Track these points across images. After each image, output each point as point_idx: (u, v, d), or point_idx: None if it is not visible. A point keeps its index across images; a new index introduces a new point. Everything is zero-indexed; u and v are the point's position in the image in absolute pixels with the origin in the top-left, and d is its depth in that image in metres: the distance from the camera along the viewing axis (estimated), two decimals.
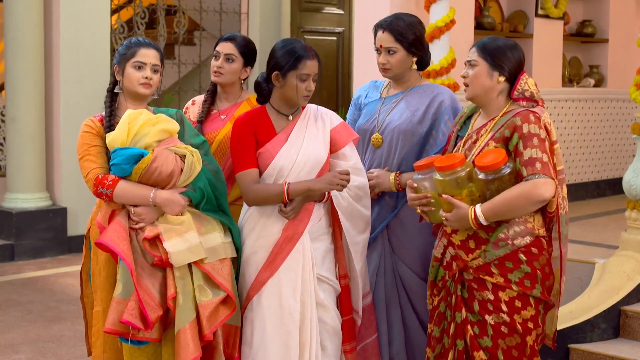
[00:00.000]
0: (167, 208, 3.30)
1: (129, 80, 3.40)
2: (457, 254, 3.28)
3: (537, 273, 3.19)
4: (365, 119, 3.82)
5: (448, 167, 3.18)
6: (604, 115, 8.25)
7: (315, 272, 3.43)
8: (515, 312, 3.18)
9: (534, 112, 3.21)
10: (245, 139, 3.42)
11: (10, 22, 7.61)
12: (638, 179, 4.90)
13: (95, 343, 3.38)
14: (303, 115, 3.50)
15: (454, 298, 3.30)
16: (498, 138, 3.22)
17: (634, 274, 4.82)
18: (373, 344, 3.67)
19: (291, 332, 3.35)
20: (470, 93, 3.33)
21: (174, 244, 3.24)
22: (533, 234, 3.20)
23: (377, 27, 3.73)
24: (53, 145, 7.86)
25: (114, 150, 3.28)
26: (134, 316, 3.15)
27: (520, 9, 7.69)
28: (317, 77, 3.44)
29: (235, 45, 3.91)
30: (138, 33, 8.53)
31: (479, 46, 3.30)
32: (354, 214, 3.48)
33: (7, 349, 5.12)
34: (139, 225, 3.28)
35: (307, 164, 3.40)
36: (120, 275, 3.23)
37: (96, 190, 3.29)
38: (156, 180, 3.29)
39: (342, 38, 9.39)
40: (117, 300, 3.19)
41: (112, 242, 3.19)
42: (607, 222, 6.62)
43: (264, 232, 3.41)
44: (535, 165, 3.12)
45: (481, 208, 3.16)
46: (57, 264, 7.40)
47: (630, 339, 4.68)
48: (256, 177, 3.40)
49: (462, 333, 3.25)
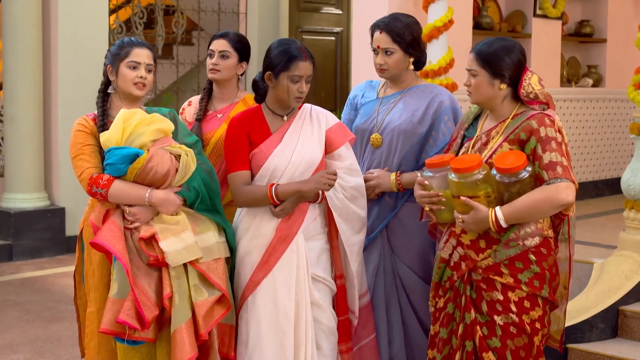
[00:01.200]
0: (162, 208, 3.30)
1: (124, 80, 3.39)
2: (466, 254, 3.26)
3: (546, 273, 3.19)
4: (363, 119, 3.81)
5: (466, 169, 3.13)
6: (602, 115, 8.25)
7: (309, 272, 3.42)
8: (524, 313, 3.17)
9: (549, 115, 3.20)
10: (238, 141, 3.42)
11: (8, 22, 7.61)
12: (636, 178, 4.91)
13: (89, 344, 3.38)
14: (299, 116, 3.50)
15: (463, 299, 3.27)
16: (513, 140, 3.20)
17: (632, 274, 4.82)
18: (370, 345, 3.66)
19: (286, 332, 3.35)
20: (474, 100, 3.32)
21: (170, 244, 3.24)
22: (542, 234, 3.20)
23: (374, 27, 3.73)
24: (51, 145, 7.85)
25: (108, 149, 3.27)
26: (130, 316, 3.14)
27: (518, 9, 7.69)
28: (311, 78, 3.41)
29: (229, 42, 3.93)
30: (136, 33, 8.53)
31: (477, 54, 3.26)
32: (350, 214, 3.47)
33: (5, 349, 5.12)
34: (134, 225, 3.27)
35: (301, 164, 3.39)
36: (116, 276, 3.22)
37: (90, 190, 3.28)
38: (152, 180, 3.28)
39: (341, 38, 9.39)
40: (112, 301, 3.18)
41: (108, 242, 3.18)
42: (605, 222, 6.62)
43: (258, 232, 3.41)
44: (557, 169, 3.11)
45: (502, 211, 3.13)
46: (56, 264, 7.39)
47: (628, 339, 4.68)
48: (247, 179, 3.40)
49: (471, 334, 3.23)
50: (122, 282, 3.20)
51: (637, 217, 4.92)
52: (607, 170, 8.34)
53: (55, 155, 7.83)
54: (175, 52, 9.21)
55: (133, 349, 3.26)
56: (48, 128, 7.84)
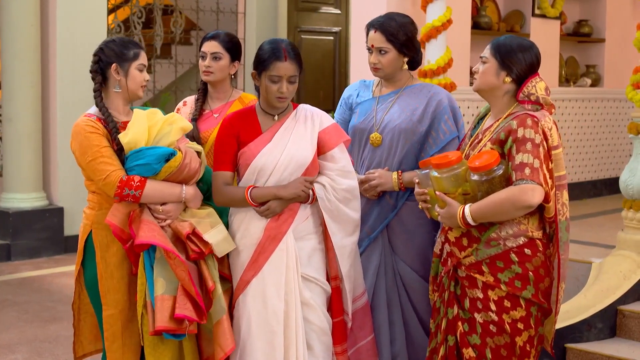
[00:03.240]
0: (192, 203, 3.37)
1: (134, 82, 3.38)
2: (452, 250, 3.30)
3: (530, 274, 3.18)
4: (361, 118, 3.81)
5: (444, 164, 3.19)
6: (601, 115, 8.26)
7: (300, 272, 3.42)
8: (503, 312, 3.17)
9: (533, 115, 3.18)
10: (225, 142, 3.44)
11: (7, 22, 7.61)
12: (634, 178, 4.91)
13: (111, 347, 3.34)
14: (292, 116, 3.48)
15: (447, 294, 3.31)
16: (494, 140, 3.22)
17: (631, 274, 4.82)
18: (368, 346, 3.64)
19: (276, 332, 3.35)
20: (476, 86, 3.34)
21: (212, 236, 3.33)
22: (527, 235, 3.19)
23: (369, 26, 3.74)
24: (50, 145, 7.85)
25: (138, 150, 3.25)
26: (188, 309, 3.20)
27: (517, 9, 7.69)
28: (295, 79, 3.37)
29: (220, 43, 3.97)
30: (135, 33, 8.53)
31: (494, 44, 3.30)
32: (341, 216, 3.45)
33: (3, 349, 5.11)
34: (167, 222, 3.31)
35: (290, 164, 3.38)
36: (158, 273, 3.24)
37: (121, 193, 3.23)
38: (184, 178, 3.33)
39: (339, 38, 9.38)
40: (161, 298, 3.20)
41: (159, 240, 3.21)
42: (604, 221, 6.63)
43: (247, 232, 3.41)
44: (525, 171, 3.10)
45: (470, 208, 3.16)
46: (54, 264, 7.39)
47: (626, 339, 4.68)
48: (228, 180, 3.44)
49: (453, 329, 3.26)
50: (168, 279, 3.23)
51: (636, 217, 4.92)
52: (605, 170, 8.35)
53: (53, 155, 7.83)
54: (174, 52, 9.20)
55: (163, 344, 3.28)
56: (46, 128, 7.84)
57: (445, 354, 3.29)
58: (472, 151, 3.30)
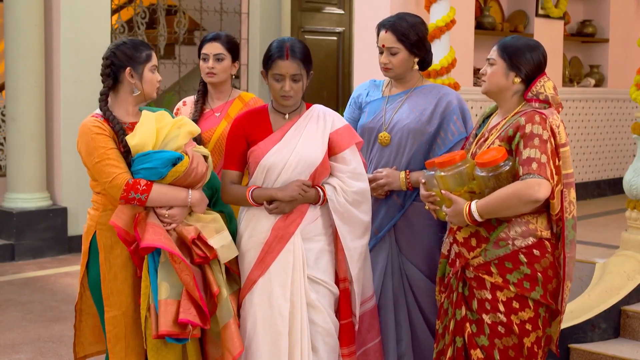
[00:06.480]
0: (198, 207, 3.36)
1: (150, 84, 3.36)
2: (460, 251, 3.28)
3: (538, 275, 3.17)
4: (370, 117, 3.82)
5: (448, 162, 3.20)
6: (604, 115, 8.25)
7: (306, 273, 3.41)
8: (512, 313, 3.17)
9: (541, 113, 3.18)
10: (235, 141, 3.45)
11: (11, 22, 7.62)
12: (638, 178, 4.90)
13: (114, 349, 3.33)
14: (305, 115, 3.48)
15: (455, 295, 3.30)
16: (503, 137, 3.22)
17: (635, 274, 4.82)
18: (375, 349, 3.63)
19: (281, 332, 3.35)
20: (485, 88, 3.34)
21: (217, 241, 3.33)
22: (536, 235, 3.19)
23: (380, 26, 3.74)
24: (53, 145, 7.86)
25: (145, 153, 3.22)
26: (192, 314, 3.19)
27: (520, 9, 7.69)
28: (299, 77, 3.36)
29: (222, 44, 4.04)
30: (138, 33, 8.54)
31: (500, 45, 3.30)
32: (352, 218, 3.44)
33: (7, 348, 5.12)
34: (172, 226, 3.30)
35: (299, 164, 3.37)
36: (162, 277, 3.22)
37: (127, 196, 3.21)
38: (190, 182, 3.31)
39: (343, 38, 9.38)
40: (165, 303, 3.19)
41: (164, 244, 3.20)
42: (608, 222, 6.62)
43: (255, 231, 3.42)
44: (532, 165, 3.09)
45: (476, 204, 3.15)
46: (58, 264, 7.40)
47: (630, 339, 4.68)
48: (234, 179, 3.46)
49: (461, 330, 3.26)
50: (172, 283, 3.22)
51: (639, 217, 4.91)
52: (609, 170, 8.34)
53: (57, 155, 7.84)
54: (177, 52, 9.21)
55: (166, 347, 3.28)
56: (50, 128, 7.85)
57: (453, 356, 3.28)
58: (479, 150, 3.29)
